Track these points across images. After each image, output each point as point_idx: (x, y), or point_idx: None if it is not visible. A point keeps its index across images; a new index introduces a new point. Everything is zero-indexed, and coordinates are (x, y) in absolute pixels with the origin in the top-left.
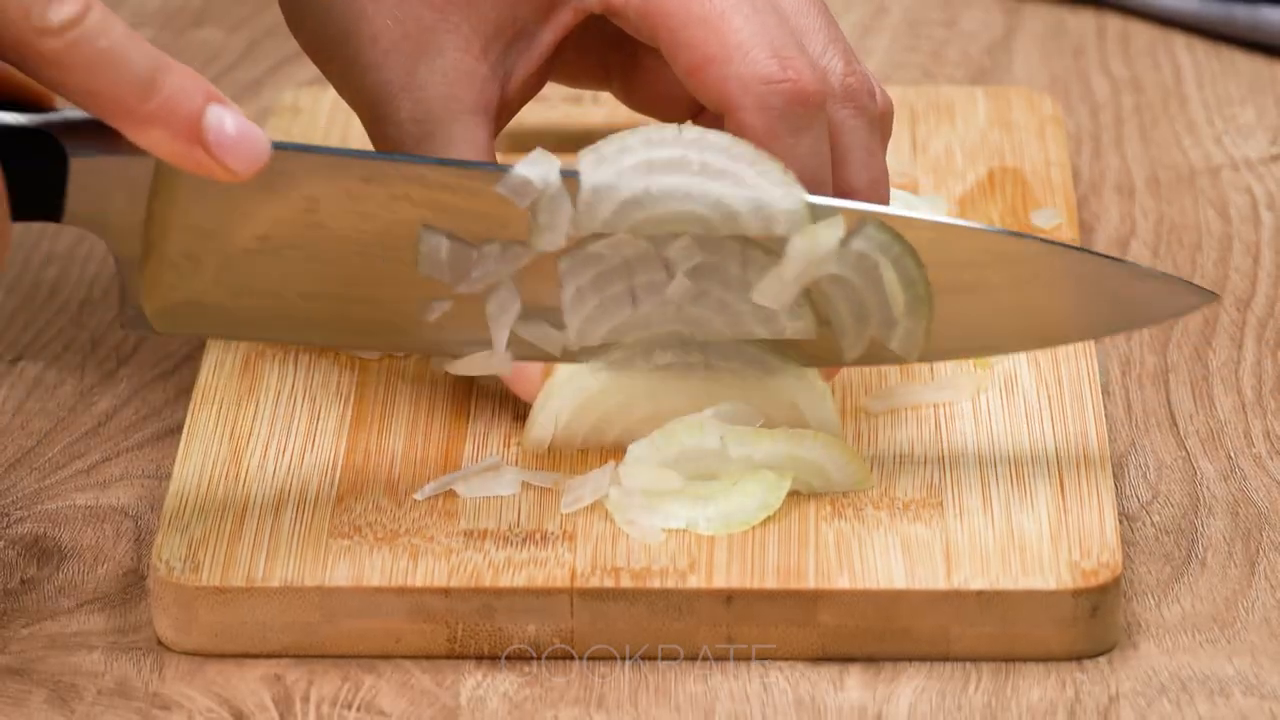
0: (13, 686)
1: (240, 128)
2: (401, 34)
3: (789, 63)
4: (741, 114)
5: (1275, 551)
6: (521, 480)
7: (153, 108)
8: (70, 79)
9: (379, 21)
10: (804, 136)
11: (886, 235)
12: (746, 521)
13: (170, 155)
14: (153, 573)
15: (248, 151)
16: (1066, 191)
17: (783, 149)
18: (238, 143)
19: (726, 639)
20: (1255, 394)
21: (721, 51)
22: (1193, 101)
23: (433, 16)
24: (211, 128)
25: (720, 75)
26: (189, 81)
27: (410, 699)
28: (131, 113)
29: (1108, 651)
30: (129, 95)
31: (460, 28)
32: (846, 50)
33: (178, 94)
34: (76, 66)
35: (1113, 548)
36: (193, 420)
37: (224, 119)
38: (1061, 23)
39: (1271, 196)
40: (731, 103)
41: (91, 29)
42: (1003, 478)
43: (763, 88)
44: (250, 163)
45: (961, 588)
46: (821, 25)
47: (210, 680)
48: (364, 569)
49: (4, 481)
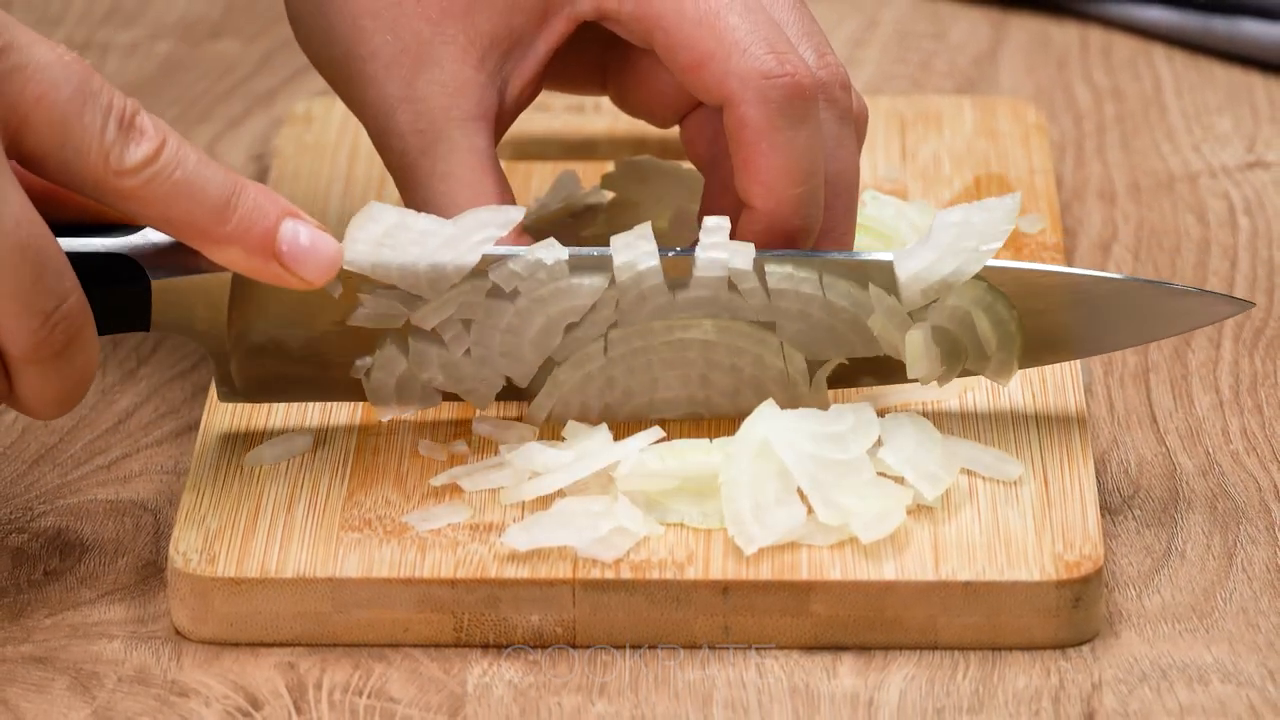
0: (36, 674)
1: (313, 239)
2: (400, 48)
3: (786, 58)
4: (742, 108)
5: (1252, 544)
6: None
7: (229, 229)
8: (149, 210)
9: (378, 38)
10: (802, 129)
11: (980, 289)
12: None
13: (248, 270)
14: (170, 564)
15: (321, 261)
16: (1050, 197)
17: (782, 140)
18: (310, 253)
19: (723, 628)
20: (1233, 393)
21: (720, 49)
22: (1172, 110)
23: (429, 30)
24: (286, 240)
25: (720, 71)
26: (263, 199)
27: (419, 686)
28: (209, 235)
29: (1090, 640)
30: (206, 219)
31: (457, 39)
32: (820, 43)
33: (253, 213)
34: (154, 200)
35: (1095, 540)
36: (209, 418)
37: (298, 233)
38: (1046, 35)
39: (1248, 202)
40: (732, 97)
41: (167, 164)
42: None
43: (763, 82)
44: (323, 271)
45: (949, 579)
46: (796, 18)
47: (226, 668)
48: (373, 561)
49: (28, 477)
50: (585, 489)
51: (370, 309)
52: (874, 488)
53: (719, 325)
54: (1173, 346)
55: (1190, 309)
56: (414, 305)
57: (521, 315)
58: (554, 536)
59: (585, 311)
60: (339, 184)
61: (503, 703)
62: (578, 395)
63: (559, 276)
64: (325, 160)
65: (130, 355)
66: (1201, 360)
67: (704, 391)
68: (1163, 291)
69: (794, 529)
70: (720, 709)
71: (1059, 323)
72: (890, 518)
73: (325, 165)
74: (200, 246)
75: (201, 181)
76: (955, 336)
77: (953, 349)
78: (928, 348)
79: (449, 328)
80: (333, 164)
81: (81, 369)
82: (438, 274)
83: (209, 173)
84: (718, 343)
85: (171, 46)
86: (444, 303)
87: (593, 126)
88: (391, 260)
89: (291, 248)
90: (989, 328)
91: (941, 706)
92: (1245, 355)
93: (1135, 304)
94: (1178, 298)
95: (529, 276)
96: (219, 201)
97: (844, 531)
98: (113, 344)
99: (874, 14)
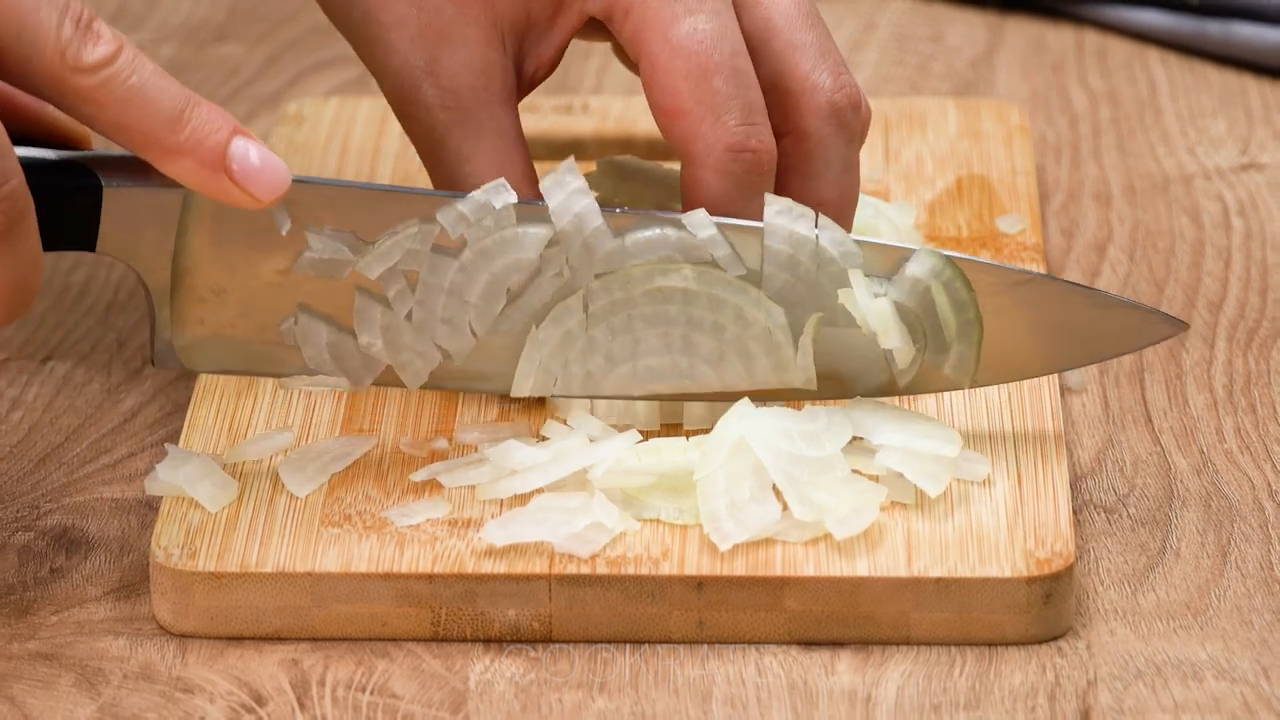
0: (42, 670)
1: (263, 158)
2: (424, 22)
3: (754, 131)
4: (701, 171)
5: (1246, 542)
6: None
7: (181, 139)
8: (103, 114)
9: (400, 7)
10: (754, 200)
11: (937, 260)
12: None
13: (197, 184)
14: (152, 559)
15: (269, 179)
16: (1031, 198)
17: (733, 210)
18: (260, 171)
19: (698, 623)
20: (1227, 392)
21: (695, 109)
22: (1167, 113)
23: (452, 9)
24: (236, 157)
25: (690, 131)
26: (215, 115)
27: (421, 682)
28: (161, 144)
29: (1060, 637)
30: (159, 128)
31: (480, 20)
32: (836, 64)
33: (204, 126)
34: (109, 102)
35: (1066, 537)
36: (193, 413)
37: (248, 149)
38: (1042, 38)
39: (1241, 204)
40: (694, 159)
41: (124, 67)
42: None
43: (726, 154)
44: (272, 190)
45: (921, 575)
46: (814, 40)
47: (230, 665)
48: (352, 556)
49: (34, 476)
50: (563, 485)
51: (317, 252)
52: (848, 485)
53: (699, 272)
54: (1167, 347)
55: (1125, 325)
56: (361, 252)
57: (465, 271)
58: (531, 532)
59: (532, 267)
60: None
61: (504, 699)
62: (558, 358)
63: (505, 224)
64: (315, 159)
65: (135, 355)
66: (1196, 360)
67: (688, 359)
68: (1098, 301)
69: (769, 525)
70: (719, 705)
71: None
72: (864, 514)
73: (316, 164)
74: (151, 157)
75: (157, 90)
76: (915, 316)
77: (913, 332)
78: (896, 317)
79: (393, 280)
80: (323, 163)
81: (24, 262)
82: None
83: (164, 83)
84: (699, 293)
85: (176, 49)
86: (390, 248)
87: (580, 127)
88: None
89: (242, 164)
90: (948, 308)
91: (938, 703)
92: (1239, 355)
93: (1066, 314)
94: (1112, 311)
95: (476, 223)
96: (173, 111)
97: (818, 528)
98: (118, 344)
99: (872, 17)
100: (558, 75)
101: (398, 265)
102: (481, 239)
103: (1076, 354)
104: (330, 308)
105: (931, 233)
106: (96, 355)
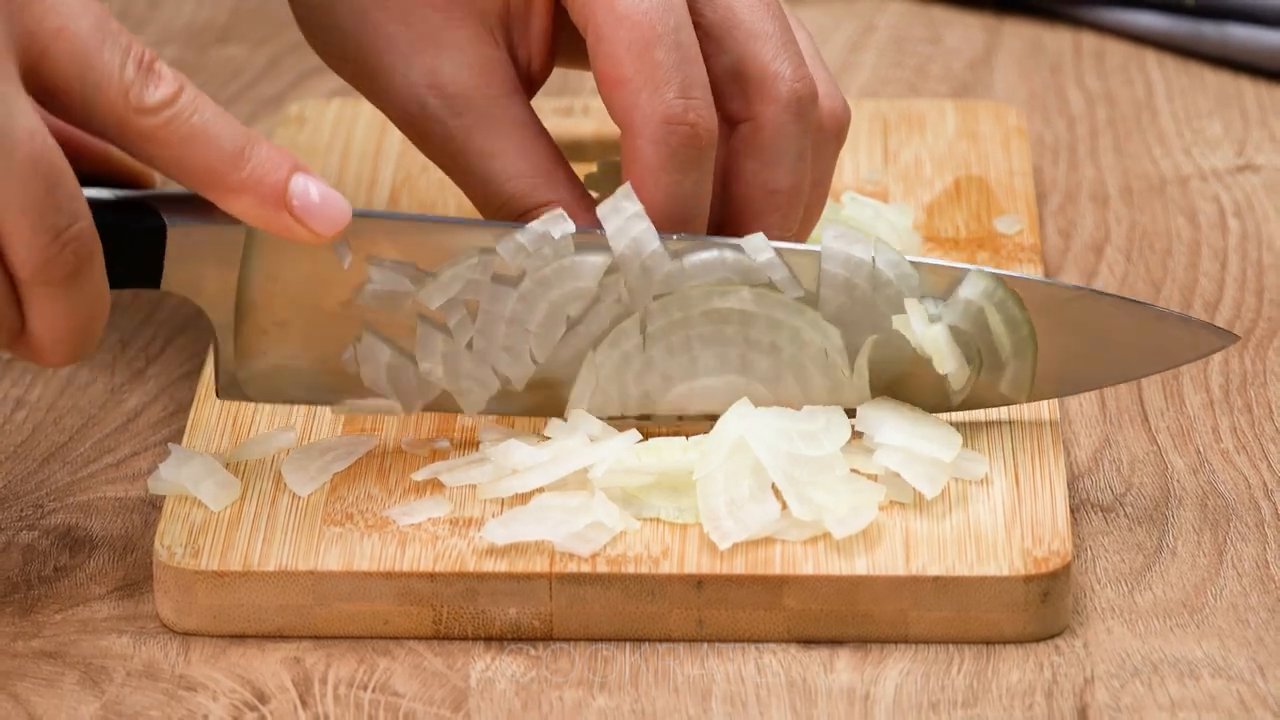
0: (46, 669)
1: (323, 194)
2: (415, 36)
3: (693, 105)
4: (638, 141)
5: (1242, 541)
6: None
7: (243, 177)
8: (165, 153)
9: (390, 28)
10: (690, 173)
11: (989, 281)
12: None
13: (259, 220)
14: (155, 558)
15: (330, 214)
16: (1029, 199)
17: (668, 182)
18: (321, 207)
19: (697, 622)
20: (1223, 392)
21: (636, 79)
22: (1163, 115)
23: (438, 16)
24: (297, 193)
25: (629, 101)
26: (275, 153)
27: (423, 680)
28: (223, 182)
29: (1057, 635)
30: (221, 166)
31: (467, 21)
32: (795, 55)
33: (265, 164)
34: (172, 141)
35: (1063, 536)
36: (196, 413)
37: (309, 186)
38: (1040, 40)
39: (1237, 205)
40: (632, 129)
41: (185, 107)
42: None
43: (662, 125)
44: (332, 224)
45: (919, 574)
46: (776, 31)
47: (233, 663)
48: (354, 554)
49: (38, 475)
50: (563, 484)
51: (379, 284)
52: (847, 484)
53: (756, 294)
54: None
55: (1175, 339)
56: (422, 283)
57: (525, 300)
58: (532, 531)
59: (591, 295)
60: (331, 184)
61: (505, 697)
62: (616, 380)
63: (564, 253)
64: (318, 161)
65: (139, 355)
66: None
67: (744, 378)
68: (1149, 315)
69: (768, 524)
70: (719, 703)
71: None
72: (863, 513)
73: (318, 166)
74: (213, 194)
75: (217, 129)
76: (970, 337)
77: (968, 352)
78: (951, 342)
79: (453, 310)
80: (325, 164)
81: (92, 301)
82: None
83: (224, 122)
84: (756, 314)
85: (178, 51)
86: (450, 279)
87: (580, 129)
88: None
89: (303, 201)
90: (1002, 327)
91: (936, 701)
92: (1235, 355)
93: (1118, 329)
94: (1164, 324)
95: (535, 252)
96: (234, 149)
97: (817, 527)
98: (121, 345)
99: (870, 19)
100: (558, 76)
101: (458, 295)
102: (540, 268)
103: (1129, 368)
104: (391, 331)
105: (930, 234)
106: (100, 355)
